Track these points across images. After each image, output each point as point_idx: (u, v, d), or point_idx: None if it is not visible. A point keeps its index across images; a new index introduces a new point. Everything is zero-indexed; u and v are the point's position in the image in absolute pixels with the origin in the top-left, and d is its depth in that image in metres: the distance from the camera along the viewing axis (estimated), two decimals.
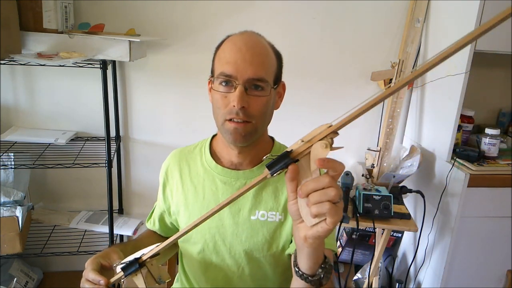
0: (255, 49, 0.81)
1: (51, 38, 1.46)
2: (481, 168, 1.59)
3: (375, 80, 1.91)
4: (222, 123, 0.81)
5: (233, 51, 0.79)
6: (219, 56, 0.83)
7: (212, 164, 0.92)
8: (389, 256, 2.02)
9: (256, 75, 0.78)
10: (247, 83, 0.78)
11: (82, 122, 1.83)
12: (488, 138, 1.70)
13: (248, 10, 1.79)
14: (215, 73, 0.82)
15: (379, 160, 1.82)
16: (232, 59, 0.78)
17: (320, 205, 0.52)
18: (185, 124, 1.91)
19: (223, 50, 0.82)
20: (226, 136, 0.82)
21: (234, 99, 0.77)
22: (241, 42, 0.81)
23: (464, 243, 1.66)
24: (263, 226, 0.88)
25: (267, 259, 0.90)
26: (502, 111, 2.04)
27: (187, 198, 0.93)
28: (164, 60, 1.81)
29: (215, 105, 0.82)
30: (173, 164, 0.97)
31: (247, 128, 0.80)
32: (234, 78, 0.78)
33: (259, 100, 0.80)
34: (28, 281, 1.81)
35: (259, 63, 0.80)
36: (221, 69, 0.79)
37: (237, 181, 0.90)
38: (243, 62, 0.78)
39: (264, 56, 0.81)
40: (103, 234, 1.70)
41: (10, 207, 1.56)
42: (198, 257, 0.93)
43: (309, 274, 0.66)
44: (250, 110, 0.79)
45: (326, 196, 0.52)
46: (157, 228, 1.05)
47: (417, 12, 1.81)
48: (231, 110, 0.78)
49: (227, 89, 0.79)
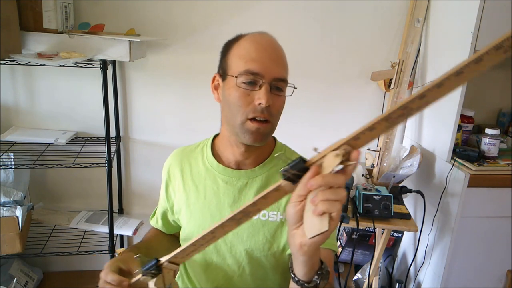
0: (278, 50, 0.83)
1: (51, 38, 1.46)
2: (481, 168, 1.59)
3: (375, 80, 1.91)
4: (243, 122, 0.80)
5: (259, 50, 0.79)
6: (239, 53, 0.81)
7: (214, 163, 0.92)
8: (389, 256, 2.02)
9: (280, 75, 0.80)
10: (272, 82, 0.79)
11: (82, 122, 1.83)
12: (488, 138, 1.70)
13: (248, 10, 1.79)
14: (234, 70, 0.80)
15: (379, 160, 1.82)
16: (259, 57, 0.78)
17: (331, 204, 0.52)
18: (185, 124, 1.91)
19: (244, 48, 0.81)
20: (244, 135, 0.81)
21: (261, 97, 0.77)
22: (265, 42, 0.82)
23: (464, 243, 1.66)
24: (264, 226, 0.88)
25: (267, 259, 0.90)
26: (502, 111, 2.04)
27: (188, 198, 0.93)
28: (164, 60, 1.81)
29: (235, 103, 0.80)
30: (175, 163, 0.97)
31: (267, 128, 0.81)
32: (261, 76, 0.78)
33: (279, 100, 0.81)
34: (28, 281, 1.81)
35: (283, 64, 0.82)
36: (245, 66, 0.78)
37: (239, 180, 0.90)
38: (269, 61, 0.79)
39: (285, 58, 0.84)
40: (103, 234, 1.70)
41: (10, 207, 1.56)
42: (198, 256, 0.93)
43: (305, 281, 0.64)
44: (272, 109, 0.80)
45: (338, 195, 0.52)
46: (160, 225, 1.06)
47: (417, 12, 1.81)
48: (255, 108, 0.78)
49: (250, 87, 0.78)
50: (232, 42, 0.85)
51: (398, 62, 1.79)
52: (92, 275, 1.99)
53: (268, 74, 0.78)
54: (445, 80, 0.43)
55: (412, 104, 0.45)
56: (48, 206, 1.89)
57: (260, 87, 0.78)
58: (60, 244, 1.68)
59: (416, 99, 0.44)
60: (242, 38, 0.84)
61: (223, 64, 0.86)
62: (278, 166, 0.91)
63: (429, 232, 1.76)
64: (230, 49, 0.85)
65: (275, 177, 0.90)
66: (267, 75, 0.78)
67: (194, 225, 0.92)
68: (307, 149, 0.86)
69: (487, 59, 0.42)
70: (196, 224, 0.92)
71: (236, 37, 0.86)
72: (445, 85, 0.43)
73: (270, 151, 0.93)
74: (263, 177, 0.90)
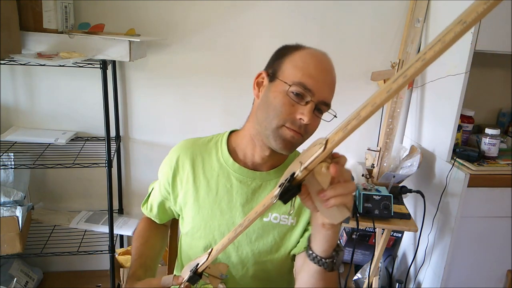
0: (333, 75, 0.84)
1: (51, 38, 1.46)
2: (481, 168, 1.59)
3: (375, 80, 1.91)
4: (278, 127, 0.80)
5: (318, 68, 0.80)
6: (297, 64, 0.81)
7: (230, 161, 0.90)
8: (389, 256, 2.02)
9: (327, 99, 0.81)
10: (318, 103, 0.79)
11: (82, 122, 1.83)
12: (488, 138, 1.70)
13: (248, 10, 1.79)
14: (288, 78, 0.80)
15: (379, 160, 1.82)
16: (316, 75, 0.79)
17: (345, 197, 0.58)
18: (185, 124, 1.91)
19: (304, 60, 0.81)
20: (275, 140, 0.81)
21: (304, 113, 0.77)
22: (325, 62, 0.83)
23: (464, 243, 1.66)
24: (275, 228, 0.89)
25: (273, 262, 0.90)
26: (502, 111, 2.04)
27: (198, 192, 0.92)
28: (164, 60, 1.81)
29: (277, 107, 0.79)
30: (185, 155, 0.94)
31: (300, 140, 0.82)
32: (311, 93, 0.78)
33: (317, 121, 0.83)
34: (28, 281, 1.81)
35: (333, 90, 0.83)
36: (301, 79, 0.78)
37: (253, 181, 0.89)
38: (324, 83, 0.80)
39: (335, 83, 0.85)
40: (103, 234, 1.70)
41: (10, 207, 1.56)
42: (203, 252, 0.93)
43: (322, 256, 0.68)
44: (309, 127, 0.81)
45: (349, 189, 0.58)
46: (154, 214, 1.04)
47: (417, 12, 1.81)
48: (294, 121, 0.79)
49: (297, 99, 0.79)
50: (292, 49, 0.85)
51: (398, 62, 1.79)
52: (92, 275, 1.99)
53: (318, 94, 0.79)
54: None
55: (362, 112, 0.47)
56: (48, 206, 1.89)
57: (307, 103, 0.78)
58: (60, 244, 1.68)
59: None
60: (304, 48, 0.84)
61: (275, 66, 0.85)
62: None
63: (429, 232, 1.76)
64: (288, 54, 0.84)
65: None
66: (317, 95, 0.79)
67: (201, 220, 0.91)
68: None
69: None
70: (203, 219, 0.91)
71: (297, 45, 0.86)
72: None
73: (285, 156, 0.93)
74: (278, 181, 0.90)
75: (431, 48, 0.40)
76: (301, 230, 0.89)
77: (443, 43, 0.38)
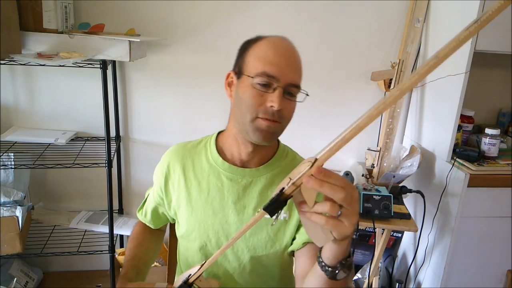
0: (296, 56, 0.84)
1: (51, 38, 1.46)
2: (481, 168, 1.59)
3: (375, 80, 1.91)
4: (253, 120, 0.81)
5: (277, 54, 0.81)
6: (258, 55, 0.82)
7: (219, 160, 0.92)
8: (389, 256, 2.02)
9: (295, 81, 0.82)
10: (286, 87, 0.80)
11: (82, 122, 1.83)
12: (488, 138, 1.70)
13: (248, 10, 1.79)
14: (251, 71, 0.81)
15: (379, 160, 1.82)
16: (276, 61, 0.80)
17: (330, 220, 0.56)
18: (185, 124, 1.91)
19: (263, 50, 0.82)
20: (253, 133, 0.82)
21: (274, 100, 0.78)
22: (284, 47, 0.84)
23: (464, 243, 1.66)
24: (268, 224, 0.89)
25: (269, 257, 0.91)
26: (502, 111, 2.04)
27: (190, 193, 0.93)
28: (164, 60, 1.81)
29: (247, 101, 0.81)
30: (175, 159, 0.96)
31: (277, 127, 0.82)
32: (276, 79, 0.79)
33: (291, 104, 0.83)
34: (28, 281, 1.81)
35: (298, 71, 0.84)
36: (263, 68, 0.80)
37: (243, 178, 0.90)
38: (287, 66, 0.81)
39: (300, 65, 0.86)
40: (103, 234, 1.70)
41: (10, 207, 1.56)
42: (199, 253, 0.94)
43: (327, 264, 0.67)
44: (283, 112, 0.81)
45: (334, 209, 0.56)
46: (148, 219, 1.06)
47: (417, 12, 1.81)
48: (266, 110, 0.80)
49: (264, 89, 0.80)
50: (251, 43, 0.86)
51: (398, 62, 1.79)
52: (92, 275, 1.99)
53: (284, 78, 0.79)
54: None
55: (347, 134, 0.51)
56: (48, 206, 1.89)
57: (274, 90, 0.79)
58: (60, 244, 1.68)
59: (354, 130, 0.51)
60: (261, 39, 0.85)
61: (239, 63, 0.87)
62: (281, 167, 0.93)
63: (429, 232, 1.76)
64: (248, 49, 0.86)
65: (279, 177, 0.91)
66: (282, 79, 0.79)
67: (195, 221, 0.92)
68: (308, 149, 0.87)
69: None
70: (197, 220, 0.92)
71: (256, 38, 0.87)
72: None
73: (274, 152, 0.94)
74: (268, 177, 0.91)
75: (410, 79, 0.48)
76: (295, 224, 0.90)
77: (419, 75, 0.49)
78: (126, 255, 1.01)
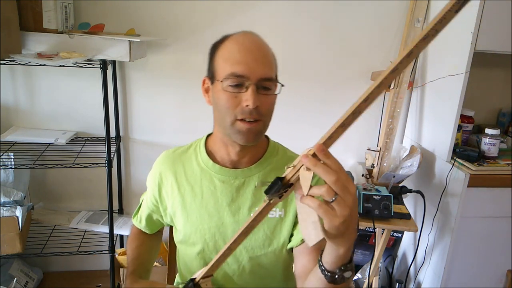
0: (263, 49, 0.82)
1: (51, 38, 1.46)
2: (481, 168, 1.59)
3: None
4: (232, 123, 0.80)
5: (242, 52, 0.80)
6: (224, 56, 0.82)
7: (209, 163, 0.91)
8: (389, 256, 2.02)
9: (266, 75, 0.80)
10: (258, 82, 0.79)
11: (82, 122, 1.83)
12: (488, 138, 1.70)
13: (248, 10, 1.79)
14: (220, 74, 0.81)
15: (379, 160, 1.82)
16: (243, 59, 0.79)
17: (323, 208, 0.55)
18: (185, 124, 1.91)
19: (228, 50, 0.82)
20: (236, 136, 0.81)
21: (248, 99, 0.77)
22: (248, 42, 0.82)
23: (464, 243, 1.66)
24: (264, 223, 0.89)
25: (267, 256, 0.90)
26: (502, 111, 2.04)
27: (184, 199, 0.93)
28: (164, 60, 1.81)
29: (223, 105, 0.80)
30: (166, 167, 0.96)
31: (259, 127, 0.81)
32: (246, 78, 0.78)
33: (268, 99, 0.81)
34: (28, 281, 1.81)
35: (268, 63, 0.82)
36: (231, 69, 0.79)
37: (236, 179, 0.90)
38: (254, 62, 0.79)
39: (271, 56, 0.84)
40: (103, 234, 1.70)
41: (10, 207, 1.56)
42: (198, 257, 0.93)
43: (326, 268, 0.66)
44: (262, 109, 0.80)
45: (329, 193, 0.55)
46: (143, 225, 1.07)
47: (417, 12, 1.81)
48: (243, 110, 0.78)
49: (237, 89, 0.79)
50: (218, 45, 0.85)
51: None
52: (92, 275, 1.99)
53: (254, 75, 0.78)
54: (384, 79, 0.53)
55: (360, 107, 0.54)
56: (48, 206, 1.89)
57: (247, 88, 0.78)
58: (60, 244, 1.68)
59: (362, 102, 0.54)
60: (226, 39, 0.84)
61: (210, 67, 0.86)
62: (273, 164, 0.92)
63: (429, 232, 1.76)
64: (215, 51, 0.85)
65: (271, 175, 0.90)
66: (253, 76, 0.78)
67: (191, 226, 0.92)
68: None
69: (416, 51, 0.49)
70: (193, 225, 0.92)
71: (222, 38, 0.86)
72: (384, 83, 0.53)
73: (264, 150, 0.93)
74: (260, 175, 0.90)
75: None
76: (291, 220, 0.89)
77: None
78: (129, 255, 1.02)
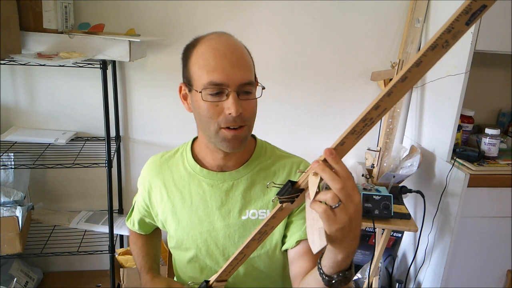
0: (238, 52, 0.79)
1: (51, 38, 1.46)
2: (481, 168, 1.59)
3: (375, 80, 1.91)
4: (216, 132, 0.78)
5: (218, 58, 0.76)
6: (198, 63, 0.78)
7: (197, 168, 0.90)
8: (389, 256, 2.02)
9: (245, 79, 0.77)
10: (238, 89, 0.76)
11: (82, 122, 1.83)
12: (488, 138, 1.70)
13: (248, 10, 1.79)
14: (197, 83, 0.77)
15: (379, 160, 1.82)
16: (219, 66, 0.75)
17: (328, 214, 0.56)
18: (185, 124, 1.91)
19: (202, 57, 0.78)
20: (221, 144, 0.80)
21: (230, 107, 0.74)
22: (222, 46, 0.78)
23: (464, 243, 1.66)
24: (255, 225, 0.87)
25: (261, 258, 0.90)
26: (502, 111, 2.04)
27: (174, 205, 0.92)
28: (164, 60, 1.81)
29: (205, 115, 0.78)
30: (154, 173, 0.95)
31: (244, 132, 0.80)
32: (225, 86, 0.75)
33: (251, 103, 0.79)
34: (28, 281, 1.81)
35: (246, 66, 0.78)
36: (208, 78, 0.75)
37: (224, 183, 0.89)
38: (231, 68, 0.75)
39: (247, 58, 0.81)
40: (103, 234, 1.70)
41: (10, 207, 1.56)
42: (192, 262, 0.93)
43: (325, 271, 0.66)
44: (245, 114, 0.78)
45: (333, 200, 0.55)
46: (136, 228, 1.07)
47: (417, 12, 1.81)
48: (226, 118, 0.76)
49: (217, 98, 0.76)
50: (190, 49, 0.81)
51: (398, 62, 1.79)
52: (92, 275, 1.99)
53: (233, 82, 0.75)
54: (393, 88, 0.50)
55: (371, 114, 0.52)
56: (48, 206, 1.89)
57: (227, 96, 0.75)
58: (60, 244, 1.68)
59: (373, 109, 0.51)
60: (198, 43, 0.80)
61: (186, 74, 0.82)
62: (261, 164, 0.90)
63: (429, 232, 1.76)
64: (189, 57, 0.81)
65: (260, 175, 0.89)
66: (232, 83, 0.75)
67: (183, 231, 0.91)
68: (308, 150, 0.86)
69: (426, 61, 0.48)
70: (184, 231, 0.91)
71: (193, 41, 0.82)
72: (394, 93, 0.50)
73: (251, 150, 0.91)
74: (248, 177, 0.89)
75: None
76: (283, 222, 0.88)
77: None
78: (138, 253, 1.03)
